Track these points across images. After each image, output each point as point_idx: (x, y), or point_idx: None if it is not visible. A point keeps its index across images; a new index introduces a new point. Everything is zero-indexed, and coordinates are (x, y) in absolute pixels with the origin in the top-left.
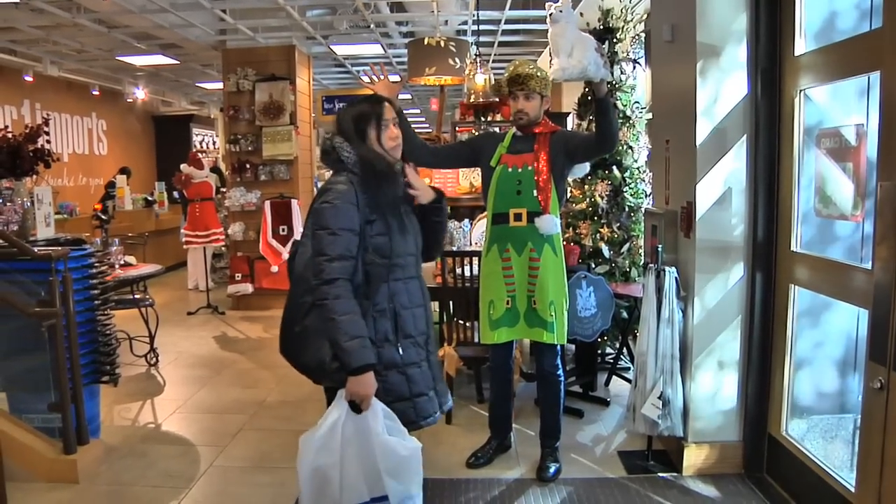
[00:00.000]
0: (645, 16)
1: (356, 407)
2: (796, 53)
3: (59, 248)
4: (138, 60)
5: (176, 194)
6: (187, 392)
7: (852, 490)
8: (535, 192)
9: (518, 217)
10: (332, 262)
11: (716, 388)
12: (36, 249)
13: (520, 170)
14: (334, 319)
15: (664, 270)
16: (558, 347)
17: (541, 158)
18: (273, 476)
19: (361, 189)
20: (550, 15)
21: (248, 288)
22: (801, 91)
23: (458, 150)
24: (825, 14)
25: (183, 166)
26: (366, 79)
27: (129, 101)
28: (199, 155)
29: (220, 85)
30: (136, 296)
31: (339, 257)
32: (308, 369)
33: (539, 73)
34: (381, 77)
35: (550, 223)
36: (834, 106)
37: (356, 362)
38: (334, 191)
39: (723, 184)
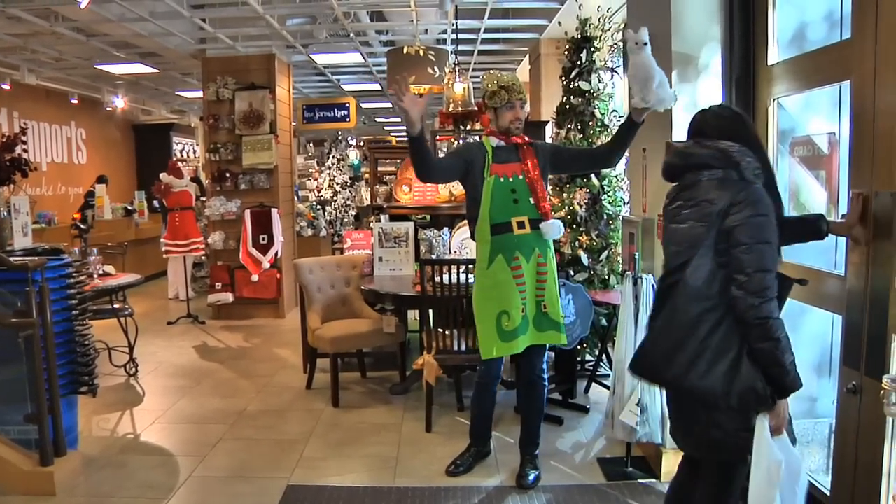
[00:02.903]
0: (622, 25)
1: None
2: (769, 62)
3: (36, 258)
4: (117, 69)
5: (156, 203)
6: (167, 402)
7: (828, 493)
8: (530, 199)
9: (521, 225)
10: (771, 277)
11: None
12: (12, 259)
13: (510, 178)
14: (779, 340)
15: (641, 278)
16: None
17: (530, 166)
18: (253, 486)
19: None
20: (636, 43)
21: (228, 297)
22: (774, 99)
23: (454, 164)
24: (797, 24)
25: (162, 175)
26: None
27: (108, 109)
28: (179, 164)
29: (200, 94)
30: (116, 305)
31: (773, 272)
32: (698, 394)
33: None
34: (408, 92)
35: (556, 228)
36: (806, 114)
37: (796, 382)
38: (764, 202)
39: None
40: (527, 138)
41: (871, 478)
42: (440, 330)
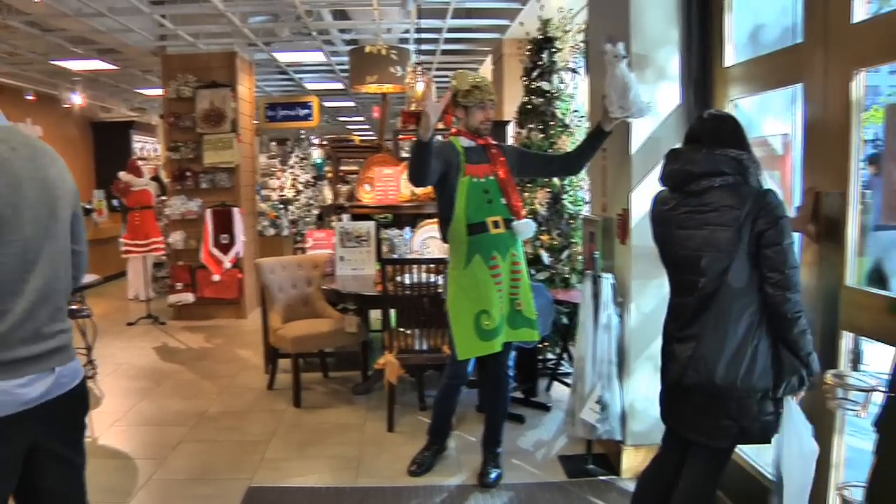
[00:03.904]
0: (584, 26)
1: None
2: (726, 65)
3: None
4: (75, 65)
5: (115, 202)
6: (126, 404)
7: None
8: (502, 199)
9: (497, 224)
10: (799, 272)
11: (652, 391)
12: None
13: (482, 179)
14: (808, 329)
15: (601, 277)
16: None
17: (500, 167)
18: (214, 488)
19: None
20: (615, 56)
21: (189, 297)
22: (731, 101)
23: (437, 166)
24: (753, 27)
25: (122, 174)
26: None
27: (66, 106)
28: (139, 162)
29: (160, 91)
30: (73, 306)
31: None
32: (753, 391)
33: None
34: (431, 97)
35: (529, 227)
36: (763, 116)
37: (818, 366)
38: (784, 205)
39: (657, 192)
40: (491, 140)
41: (819, 469)
42: (402, 329)
